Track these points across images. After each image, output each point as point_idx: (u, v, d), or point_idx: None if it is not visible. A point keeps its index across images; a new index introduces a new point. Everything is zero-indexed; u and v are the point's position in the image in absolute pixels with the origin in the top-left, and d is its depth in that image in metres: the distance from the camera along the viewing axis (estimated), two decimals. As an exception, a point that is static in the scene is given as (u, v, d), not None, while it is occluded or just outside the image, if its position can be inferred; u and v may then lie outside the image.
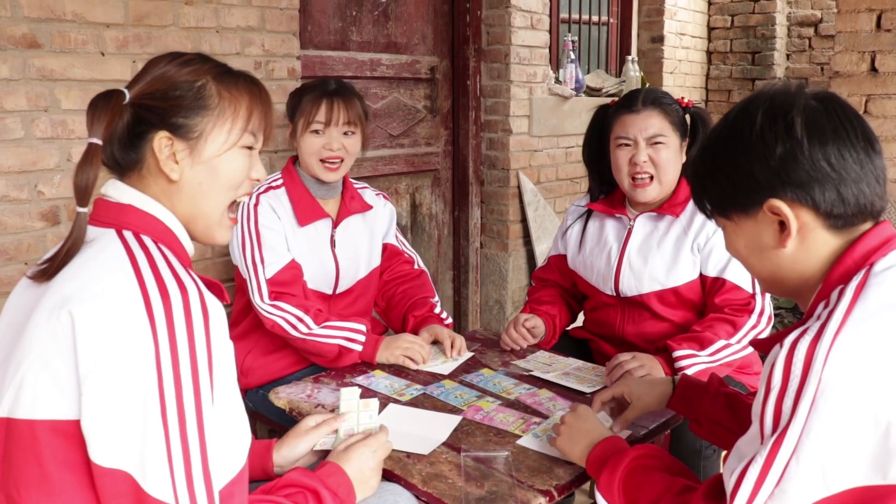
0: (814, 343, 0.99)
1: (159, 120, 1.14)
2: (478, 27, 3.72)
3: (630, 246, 2.13)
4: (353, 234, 2.28)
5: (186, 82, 1.16)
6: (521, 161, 3.85)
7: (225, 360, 1.05)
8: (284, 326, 2.01)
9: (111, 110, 1.11)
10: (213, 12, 2.56)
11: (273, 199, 2.16)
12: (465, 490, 1.38)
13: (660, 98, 2.07)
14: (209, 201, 1.20)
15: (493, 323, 3.91)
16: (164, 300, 1.00)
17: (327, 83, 2.20)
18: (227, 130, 1.18)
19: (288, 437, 1.45)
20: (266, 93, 1.26)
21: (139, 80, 1.17)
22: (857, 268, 1.08)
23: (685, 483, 1.24)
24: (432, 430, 1.61)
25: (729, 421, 1.48)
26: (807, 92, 1.12)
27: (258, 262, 2.07)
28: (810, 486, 0.99)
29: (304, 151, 2.16)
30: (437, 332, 2.14)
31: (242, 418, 1.11)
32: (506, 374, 1.94)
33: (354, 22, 3.26)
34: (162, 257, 1.08)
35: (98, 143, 1.10)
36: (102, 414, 0.97)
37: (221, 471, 1.04)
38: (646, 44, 5.13)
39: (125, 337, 0.98)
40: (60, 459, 1.00)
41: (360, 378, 1.91)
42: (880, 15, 3.43)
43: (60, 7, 2.23)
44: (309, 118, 2.14)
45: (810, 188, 1.07)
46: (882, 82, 3.46)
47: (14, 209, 2.22)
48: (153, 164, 1.15)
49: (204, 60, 1.20)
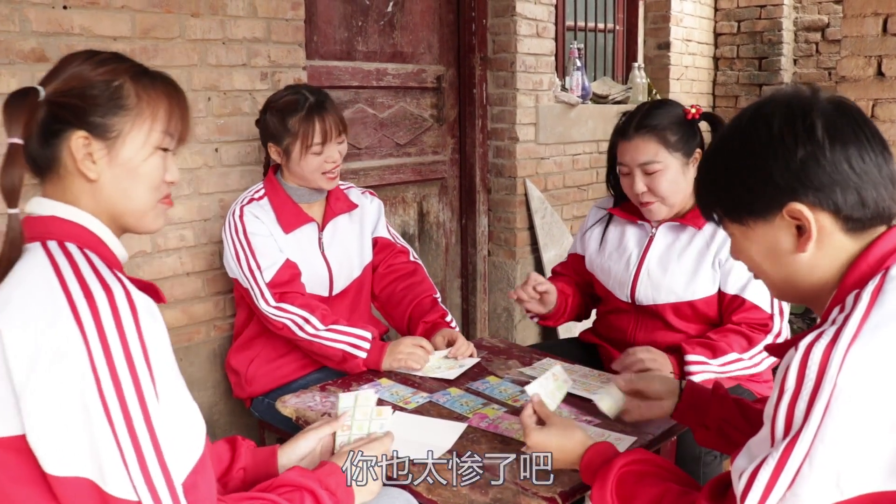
0: (829, 347, 0.99)
1: (76, 119, 1.12)
2: (483, 36, 3.73)
3: (650, 254, 2.11)
4: (341, 234, 2.31)
5: (104, 81, 1.14)
6: (527, 169, 3.85)
7: (162, 353, 1.05)
8: (292, 327, 2.04)
9: (28, 108, 1.09)
10: (219, 24, 2.58)
11: (256, 209, 2.19)
12: (470, 497, 1.39)
13: (653, 122, 2.01)
14: (133, 202, 1.19)
15: (502, 331, 3.91)
16: (89, 302, 1.00)
17: (303, 97, 2.17)
18: (145, 132, 1.17)
19: (290, 442, 1.47)
20: (184, 94, 1.25)
21: (54, 78, 1.14)
22: (873, 272, 1.07)
23: (679, 489, 1.23)
24: (438, 438, 1.62)
25: (740, 422, 1.48)
26: (821, 95, 1.11)
27: (255, 268, 2.10)
28: (824, 491, 0.99)
29: (305, 170, 2.17)
30: (449, 335, 2.15)
31: (192, 407, 1.11)
32: (512, 382, 1.94)
33: (360, 32, 3.28)
34: (86, 261, 1.07)
35: (19, 142, 1.08)
36: (45, 425, 0.97)
37: (179, 462, 1.03)
38: (652, 50, 5.13)
39: (54, 345, 0.98)
40: (15, 475, 1.00)
41: (367, 386, 1.92)
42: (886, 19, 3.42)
43: (68, 21, 2.25)
44: (307, 142, 2.14)
45: (832, 191, 1.06)
46: (889, 86, 3.44)
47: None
48: (70, 164, 1.13)
49: (121, 60, 1.19)
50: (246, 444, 1.46)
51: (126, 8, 2.36)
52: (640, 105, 2.10)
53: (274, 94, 2.26)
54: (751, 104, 1.17)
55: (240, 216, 2.16)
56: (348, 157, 3.17)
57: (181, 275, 2.57)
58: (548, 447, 1.42)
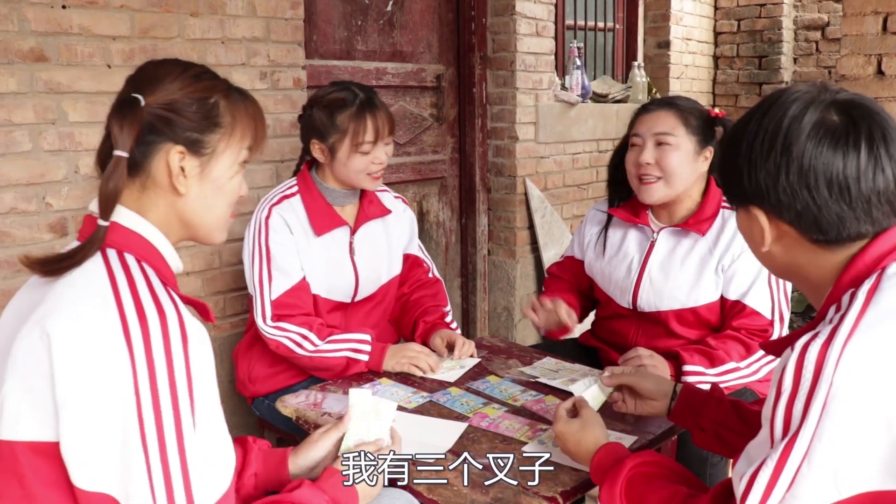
0: (825, 347, 0.98)
1: (174, 133, 1.13)
2: (483, 35, 3.73)
3: (652, 261, 2.08)
4: (372, 240, 2.24)
5: (202, 98, 1.15)
6: (527, 168, 3.85)
7: (206, 383, 1.05)
8: (290, 346, 2.00)
9: (137, 121, 1.10)
10: (219, 23, 2.58)
11: (286, 210, 2.10)
12: (471, 497, 1.38)
13: (679, 101, 2.06)
14: (212, 214, 1.21)
15: (502, 330, 3.91)
16: (141, 324, 1.00)
17: (352, 93, 2.09)
18: (235, 150, 1.19)
19: (302, 447, 1.45)
20: (262, 111, 1.26)
21: (148, 87, 1.14)
22: (869, 272, 1.06)
23: (688, 492, 1.22)
24: (438, 438, 1.61)
25: (736, 424, 1.47)
26: (833, 102, 1.06)
27: (265, 280, 2.04)
28: (822, 491, 0.99)
29: (350, 170, 2.09)
30: (449, 336, 2.14)
31: (226, 440, 1.11)
32: (512, 381, 1.94)
33: (360, 31, 3.28)
34: (143, 277, 1.06)
35: (125, 155, 1.09)
36: (81, 439, 0.97)
37: (205, 494, 1.03)
38: (652, 49, 5.12)
39: (102, 362, 0.98)
40: (43, 479, 1.00)
41: (367, 386, 1.91)
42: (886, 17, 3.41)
43: (67, 21, 2.25)
44: (357, 139, 2.05)
45: (787, 211, 1.07)
46: (889, 85, 3.44)
47: (22, 221, 2.23)
48: (161, 177, 1.14)
49: (213, 75, 1.20)
50: (258, 447, 1.45)
51: (125, 7, 2.36)
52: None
53: (320, 90, 2.16)
54: (769, 94, 1.14)
55: (266, 217, 2.07)
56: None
57: (181, 274, 2.55)
58: (567, 437, 1.44)
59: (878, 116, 1.05)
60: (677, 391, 1.58)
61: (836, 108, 1.05)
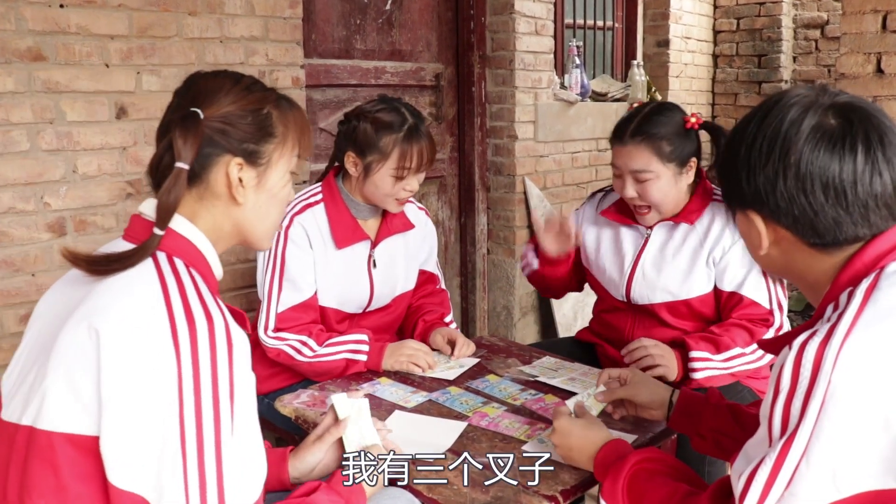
0: (823, 345, 0.98)
1: (231, 145, 1.16)
2: (482, 33, 3.73)
3: (645, 255, 2.09)
4: (392, 253, 2.20)
5: (256, 109, 1.18)
6: (526, 167, 3.85)
7: (246, 391, 1.06)
8: (290, 353, 1.98)
9: (199, 134, 1.13)
10: (217, 23, 2.57)
11: (308, 220, 2.05)
12: (471, 496, 1.38)
13: (651, 129, 1.95)
14: (266, 222, 1.25)
15: (501, 329, 3.91)
16: (190, 329, 1.01)
17: (402, 116, 2.03)
18: (287, 158, 1.23)
19: (299, 451, 1.46)
20: (307, 118, 1.30)
21: (207, 101, 1.16)
22: (868, 271, 1.06)
23: (688, 489, 1.22)
24: (438, 437, 1.61)
25: (735, 431, 1.46)
26: (831, 105, 1.06)
27: (275, 291, 2.01)
28: (821, 490, 0.98)
29: (379, 192, 2.04)
30: (449, 333, 2.14)
31: (260, 450, 1.11)
32: (511, 380, 1.93)
33: (358, 30, 3.27)
34: (192, 283, 1.08)
35: (186, 167, 1.12)
36: (122, 437, 0.98)
37: (237, 501, 1.03)
38: (651, 48, 5.12)
39: (149, 363, 0.99)
40: (77, 472, 1.01)
41: (366, 385, 1.91)
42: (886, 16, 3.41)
43: (65, 20, 2.25)
44: (398, 165, 2.00)
45: (785, 216, 1.08)
46: (888, 83, 3.44)
47: (21, 221, 2.23)
48: (219, 187, 1.17)
49: (263, 86, 1.23)
50: None
51: (123, 6, 2.35)
52: (642, 107, 2.04)
53: (368, 104, 2.10)
54: (768, 98, 1.14)
55: (287, 227, 2.02)
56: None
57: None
58: (571, 434, 1.44)
59: (877, 119, 1.05)
60: (674, 400, 1.58)
61: (835, 112, 1.05)
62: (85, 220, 2.36)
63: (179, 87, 1.22)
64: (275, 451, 1.46)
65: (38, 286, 2.28)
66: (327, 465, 1.46)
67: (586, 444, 1.42)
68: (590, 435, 1.43)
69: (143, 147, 2.45)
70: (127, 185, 2.43)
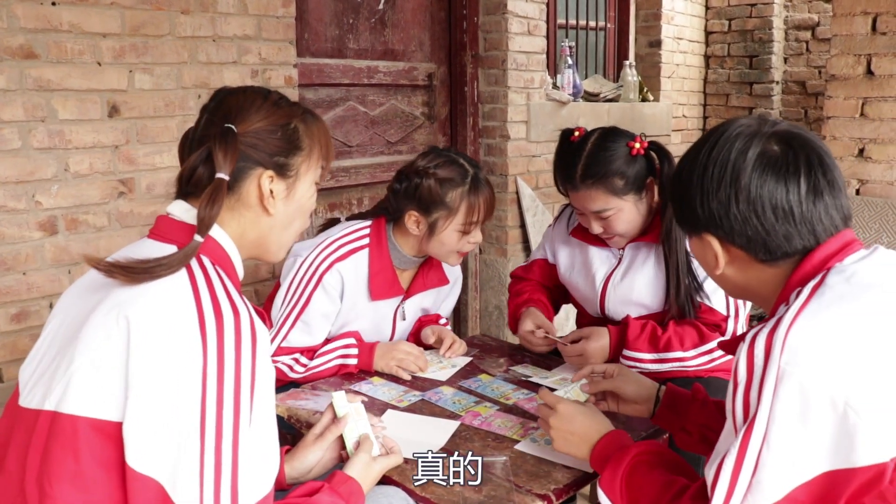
0: (771, 333, 1.04)
1: (263, 158, 1.21)
2: (475, 33, 3.73)
3: (616, 274, 2.11)
4: (420, 305, 2.20)
5: (285, 124, 1.24)
6: (519, 166, 3.85)
7: (267, 384, 1.09)
8: (283, 369, 1.97)
9: (236, 148, 1.17)
10: (210, 21, 2.57)
11: (348, 269, 2.00)
12: (463, 495, 1.38)
13: (598, 170, 1.92)
14: (290, 231, 1.30)
15: (493, 329, 3.91)
16: (217, 321, 1.05)
17: (465, 170, 1.99)
18: (314, 170, 1.28)
19: (297, 450, 1.46)
20: (329, 131, 1.33)
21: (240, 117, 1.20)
22: (816, 272, 1.12)
23: (684, 483, 1.23)
24: (431, 436, 1.61)
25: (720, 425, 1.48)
26: (773, 133, 1.15)
27: (287, 325, 1.97)
28: (784, 474, 1.01)
29: (445, 247, 2.01)
30: (440, 331, 2.14)
31: (275, 444, 1.13)
32: (504, 380, 1.94)
33: (351, 29, 3.27)
34: (219, 280, 1.12)
35: (226, 178, 1.16)
36: (145, 422, 1.01)
37: (250, 492, 1.05)
38: (643, 48, 5.13)
39: (177, 351, 1.02)
40: (97, 458, 1.03)
41: (359, 385, 1.91)
42: (875, 18, 3.43)
43: (57, 18, 2.24)
44: (468, 218, 1.97)
45: (739, 236, 1.15)
46: (878, 85, 3.46)
47: (11, 219, 2.22)
48: (251, 198, 1.22)
49: (289, 101, 1.28)
50: None
51: (115, 4, 2.35)
52: (583, 141, 1.97)
53: (424, 159, 2.02)
54: (714, 129, 1.22)
55: (324, 272, 1.97)
56: (339, 154, 3.18)
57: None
58: (574, 419, 1.44)
59: (814, 144, 1.15)
60: (660, 395, 1.59)
61: (776, 140, 1.15)
62: (77, 218, 2.36)
63: (208, 103, 1.26)
64: None
65: (29, 285, 2.28)
66: (325, 464, 1.46)
67: (589, 431, 1.42)
68: (594, 423, 1.43)
69: (136, 146, 2.45)
70: (119, 183, 2.42)
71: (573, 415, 1.45)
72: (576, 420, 1.44)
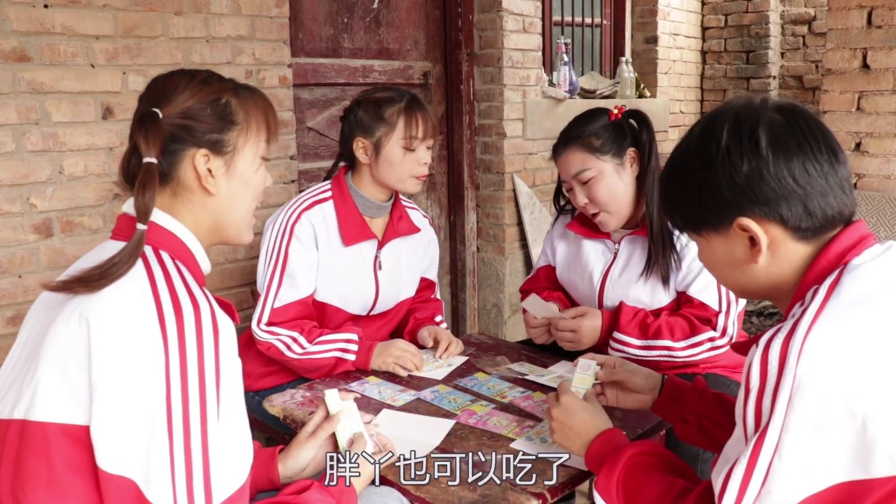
0: (787, 340, 1.00)
1: (194, 138, 1.19)
2: (470, 31, 3.73)
3: (613, 270, 2.11)
4: (397, 256, 2.22)
5: (214, 100, 1.21)
6: (515, 164, 3.85)
7: (232, 377, 1.08)
8: (280, 348, 1.99)
9: (159, 131, 1.16)
10: (203, 22, 2.57)
11: (317, 216, 2.07)
12: (458, 494, 1.38)
13: (575, 132, 2.02)
14: (240, 209, 1.27)
15: (492, 327, 3.91)
16: (177, 315, 1.04)
17: (401, 93, 2.11)
18: (253, 143, 1.25)
19: (290, 449, 1.46)
20: (271, 103, 1.31)
21: (165, 100, 1.19)
22: (832, 267, 1.09)
23: (684, 485, 1.22)
24: (426, 435, 1.61)
25: (718, 416, 1.48)
26: (771, 105, 1.12)
27: (274, 285, 2.01)
28: (795, 485, 0.99)
29: (396, 169, 2.07)
30: (436, 332, 2.14)
31: (246, 436, 1.12)
32: (500, 378, 1.94)
33: (346, 29, 3.27)
34: (178, 274, 1.11)
35: (155, 161, 1.14)
36: (111, 422, 1.00)
37: (222, 485, 1.05)
38: (640, 45, 5.13)
39: (138, 349, 1.01)
40: (69, 463, 1.03)
41: (354, 384, 1.91)
42: (871, 11, 3.43)
43: (49, 20, 2.24)
44: (407, 133, 2.05)
45: (777, 205, 1.08)
46: (874, 79, 3.46)
47: (6, 222, 2.22)
48: (190, 180, 1.20)
49: (219, 77, 1.25)
50: None
51: (108, 6, 2.34)
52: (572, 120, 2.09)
53: (363, 92, 2.17)
54: (702, 117, 1.19)
55: (293, 223, 2.04)
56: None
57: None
58: (575, 414, 1.43)
59: (809, 114, 1.12)
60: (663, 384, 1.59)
61: (776, 109, 1.11)
62: (72, 220, 2.36)
63: (142, 92, 1.25)
64: (264, 450, 1.46)
65: (24, 287, 2.27)
66: (318, 462, 1.46)
67: (587, 428, 1.41)
68: (593, 420, 1.42)
69: (130, 147, 2.44)
70: (114, 185, 2.42)
71: (574, 409, 1.44)
72: (576, 415, 1.43)
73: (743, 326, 4.21)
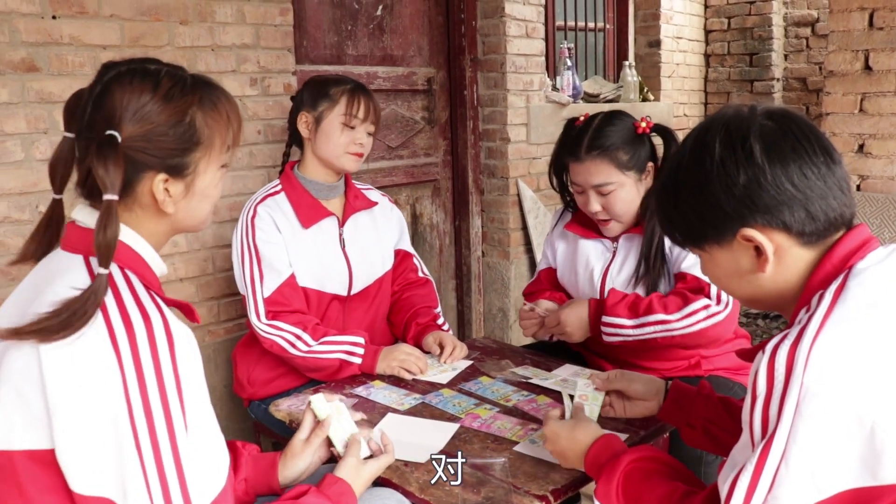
0: (794, 347, 1.00)
1: (155, 163, 1.13)
2: (473, 37, 3.74)
3: (612, 267, 2.12)
4: (362, 231, 2.27)
5: (178, 121, 1.13)
6: (519, 169, 3.87)
7: (194, 385, 1.07)
8: (283, 345, 2.01)
9: (120, 160, 1.08)
10: (208, 31, 2.59)
11: (271, 207, 2.13)
12: (462, 496, 1.40)
13: (605, 142, 1.97)
14: (196, 218, 1.24)
15: (497, 331, 3.92)
16: (128, 330, 1.02)
17: (352, 81, 2.21)
18: (215, 157, 1.20)
19: (287, 458, 1.46)
20: (236, 104, 1.24)
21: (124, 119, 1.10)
22: (837, 272, 1.08)
23: (686, 489, 1.23)
24: (430, 439, 1.63)
25: (724, 421, 1.48)
26: (761, 112, 1.12)
27: (257, 279, 2.06)
28: (802, 491, 0.99)
29: (332, 145, 2.15)
30: (441, 338, 2.15)
31: (219, 440, 1.12)
32: (504, 382, 1.95)
33: (350, 36, 3.29)
34: (126, 285, 1.08)
35: (115, 198, 1.07)
36: (75, 445, 0.99)
37: (202, 494, 1.05)
38: (643, 48, 5.14)
39: (91, 369, 0.99)
40: (41, 486, 1.02)
41: (360, 389, 1.93)
42: (872, 13, 3.44)
43: (57, 31, 2.26)
44: (348, 111, 2.13)
45: (779, 212, 1.08)
46: (876, 80, 3.47)
47: (16, 230, 2.24)
48: (146, 200, 1.16)
49: (182, 88, 1.15)
50: (247, 452, 1.46)
51: (115, 17, 2.37)
52: (590, 120, 2.04)
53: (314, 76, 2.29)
54: (692, 130, 1.18)
55: (252, 217, 2.10)
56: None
57: (174, 280, 2.58)
58: (559, 438, 1.44)
59: (800, 119, 1.11)
60: (667, 389, 1.60)
61: (766, 116, 1.11)
62: (80, 229, 2.38)
63: (94, 84, 1.14)
64: (264, 456, 1.47)
65: (34, 295, 2.29)
66: (314, 465, 1.47)
67: (575, 445, 1.42)
68: (577, 436, 1.42)
69: (137, 156, 2.46)
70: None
71: (556, 434, 1.45)
72: (560, 438, 1.44)
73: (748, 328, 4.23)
